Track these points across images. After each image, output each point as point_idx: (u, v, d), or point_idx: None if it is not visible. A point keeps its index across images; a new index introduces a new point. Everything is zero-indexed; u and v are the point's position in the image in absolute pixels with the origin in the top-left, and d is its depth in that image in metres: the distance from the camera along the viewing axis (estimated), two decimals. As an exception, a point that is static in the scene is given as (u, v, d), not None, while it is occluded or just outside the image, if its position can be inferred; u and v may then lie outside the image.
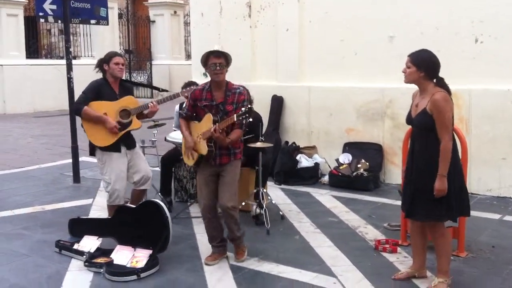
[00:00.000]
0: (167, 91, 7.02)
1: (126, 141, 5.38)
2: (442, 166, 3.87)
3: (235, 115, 4.37)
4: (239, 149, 4.73)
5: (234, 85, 4.67)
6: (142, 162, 5.54)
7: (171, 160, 6.52)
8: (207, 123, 4.51)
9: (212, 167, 4.62)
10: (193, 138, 4.64)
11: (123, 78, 5.55)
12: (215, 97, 4.58)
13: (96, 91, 5.31)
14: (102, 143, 5.30)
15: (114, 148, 5.30)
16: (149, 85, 13.64)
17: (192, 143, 4.61)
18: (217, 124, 4.42)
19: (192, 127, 4.71)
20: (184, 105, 4.79)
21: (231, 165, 4.63)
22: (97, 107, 5.26)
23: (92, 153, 5.47)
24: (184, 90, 5.54)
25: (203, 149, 4.53)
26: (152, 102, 5.35)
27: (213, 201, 4.67)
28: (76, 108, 5.39)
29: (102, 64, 5.37)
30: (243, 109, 4.37)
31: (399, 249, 4.95)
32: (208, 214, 4.68)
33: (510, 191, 6.67)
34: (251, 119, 4.39)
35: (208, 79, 4.68)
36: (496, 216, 6.00)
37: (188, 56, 20.09)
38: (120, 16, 20.58)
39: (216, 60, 4.48)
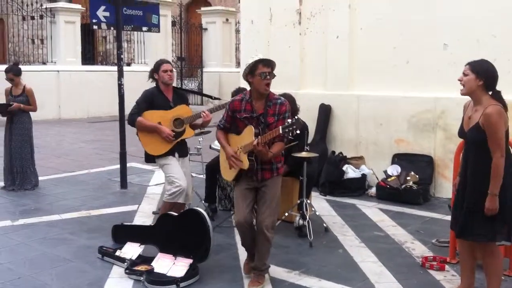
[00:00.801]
0: (219, 99, 7.04)
1: (179, 149, 5.47)
2: (493, 184, 3.68)
3: (280, 127, 4.11)
4: (281, 163, 4.51)
5: (275, 95, 4.45)
6: (188, 179, 5.51)
7: (216, 168, 6.46)
8: (248, 136, 4.29)
9: (251, 182, 4.41)
10: (233, 150, 4.43)
11: (175, 85, 5.60)
12: (255, 108, 4.36)
13: (149, 101, 5.42)
14: (156, 152, 5.40)
15: (169, 153, 5.39)
16: (202, 93, 13.77)
17: (232, 152, 4.39)
18: (259, 137, 4.18)
19: (231, 140, 4.51)
20: (222, 116, 4.59)
21: (272, 181, 4.41)
22: (151, 117, 5.36)
23: (147, 160, 5.56)
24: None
25: (244, 163, 4.32)
26: (204, 112, 5.36)
27: (249, 216, 4.42)
28: (131, 119, 5.45)
29: (153, 73, 5.45)
30: (289, 120, 4.11)
31: (447, 267, 4.74)
32: (242, 227, 4.43)
33: None
34: (298, 132, 4.11)
35: None
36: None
37: (238, 64, 20.16)
38: (173, 23, 20.87)
39: (266, 69, 4.25)
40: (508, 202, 3.73)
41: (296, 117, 4.17)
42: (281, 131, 4.09)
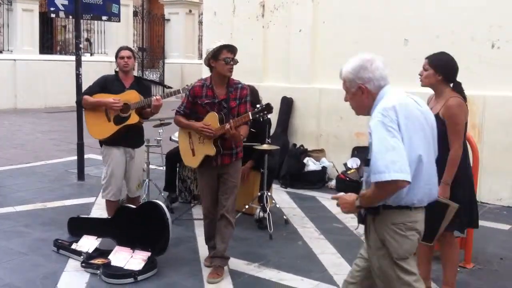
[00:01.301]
0: (171, 87, 6.91)
1: (126, 139, 5.22)
2: (447, 173, 3.73)
3: (250, 113, 4.22)
4: (240, 148, 4.55)
5: (234, 80, 4.48)
6: (134, 172, 5.34)
7: (176, 157, 6.38)
8: (211, 122, 4.30)
9: (213, 168, 4.45)
10: (196, 138, 4.45)
11: (135, 74, 5.45)
12: (217, 94, 4.39)
13: (102, 85, 5.25)
14: (98, 135, 5.24)
15: (112, 142, 5.19)
16: (156, 82, 13.52)
17: (201, 124, 4.32)
18: (231, 121, 4.21)
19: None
20: (181, 102, 4.58)
21: (233, 167, 4.47)
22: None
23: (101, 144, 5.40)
24: (185, 86, 5.40)
25: (210, 149, 4.34)
26: (156, 96, 5.17)
27: (215, 203, 4.51)
28: (78, 99, 5.32)
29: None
30: (258, 106, 4.22)
31: (404, 258, 4.78)
32: (210, 215, 4.53)
33: (523, 202, 6.49)
34: (269, 116, 4.21)
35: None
36: (506, 227, 5.83)
37: (201, 55, 20.02)
38: (135, 14, 20.55)
39: (230, 55, 4.29)
40: (461, 195, 3.78)
41: (268, 103, 4.24)
42: (251, 117, 4.19)
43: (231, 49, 4.32)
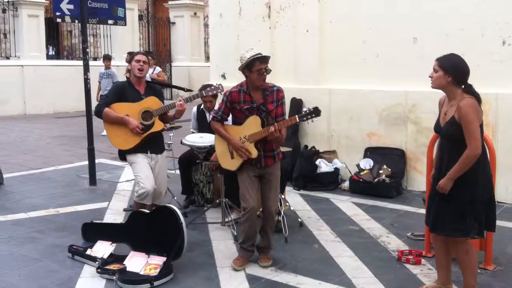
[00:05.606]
0: (191, 90, 6.90)
1: (150, 145, 5.22)
2: (456, 169, 3.69)
3: (297, 116, 4.37)
4: (279, 149, 4.74)
5: (269, 84, 4.61)
6: (161, 178, 5.34)
7: (188, 161, 6.38)
8: (253, 126, 4.47)
9: (255, 169, 4.58)
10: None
11: (148, 79, 5.43)
12: (255, 98, 4.53)
13: (119, 94, 5.23)
14: (123, 146, 5.20)
15: (139, 150, 5.17)
16: (174, 85, 13.49)
17: (241, 144, 4.52)
18: (275, 124, 4.37)
19: (232, 131, 4.62)
20: (218, 108, 4.73)
21: (275, 167, 4.65)
22: (119, 109, 5.15)
23: (121, 157, 5.39)
24: (208, 89, 5.38)
25: (253, 152, 4.48)
26: (179, 101, 5.11)
27: (258, 202, 4.65)
28: (98, 110, 5.24)
29: (130, 63, 5.34)
30: (304, 109, 4.37)
31: (423, 260, 4.74)
32: (253, 215, 4.58)
33: (539, 200, 6.41)
34: (316, 119, 4.37)
35: (227, 82, 4.55)
36: (525, 226, 5.75)
37: (208, 58, 20.00)
38: (140, 17, 20.56)
39: (263, 66, 4.41)
40: (479, 198, 3.73)
41: (315, 106, 4.38)
42: (298, 120, 4.38)
43: (264, 59, 4.43)
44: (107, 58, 12.83)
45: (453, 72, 3.76)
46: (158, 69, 12.78)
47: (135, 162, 5.19)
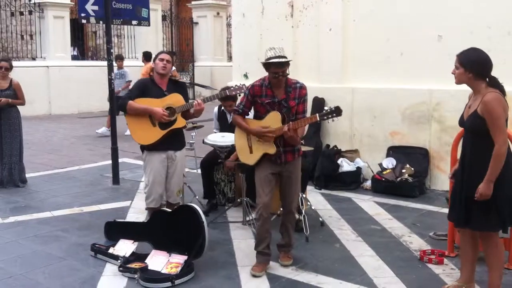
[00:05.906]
0: (211, 88, 6.91)
1: (171, 142, 5.22)
2: (492, 170, 3.62)
3: (317, 114, 4.31)
4: (300, 145, 4.68)
5: (292, 80, 4.54)
6: (176, 177, 5.35)
7: (210, 163, 6.39)
8: (273, 121, 4.40)
9: (274, 165, 4.51)
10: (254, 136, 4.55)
11: (172, 78, 5.45)
12: (276, 93, 4.46)
13: (142, 89, 5.24)
14: (145, 141, 5.20)
15: (155, 147, 5.17)
16: (199, 84, 13.62)
17: (261, 128, 4.43)
18: (290, 123, 4.30)
19: (252, 125, 4.56)
20: (240, 101, 4.68)
21: (295, 164, 4.57)
22: (142, 104, 5.15)
23: (143, 150, 5.39)
24: (232, 88, 5.35)
25: (270, 148, 4.42)
26: (197, 100, 5.14)
27: (272, 199, 4.57)
28: (121, 103, 5.24)
29: (154, 61, 5.36)
30: (326, 108, 4.30)
31: (445, 260, 4.68)
32: (265, 213, 4.50)
33: None
34: (337, 119, 4.29)
35: (249, 81, 4.54)
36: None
37: (230, 58, 20.05)
38: (163, 18, 20.69)
39: (278, 70, 4.34)
40: (505, 194, 3.67)
41: (335, 105, 4.31)
42: (318, 119, 4.34)
43: (279, 65, 4.33)
44: (120, 58, 12.92)
45: (473, 67, 3.71)
46: (172, 68, 12.81)
47: (149, 163, 5.23)
